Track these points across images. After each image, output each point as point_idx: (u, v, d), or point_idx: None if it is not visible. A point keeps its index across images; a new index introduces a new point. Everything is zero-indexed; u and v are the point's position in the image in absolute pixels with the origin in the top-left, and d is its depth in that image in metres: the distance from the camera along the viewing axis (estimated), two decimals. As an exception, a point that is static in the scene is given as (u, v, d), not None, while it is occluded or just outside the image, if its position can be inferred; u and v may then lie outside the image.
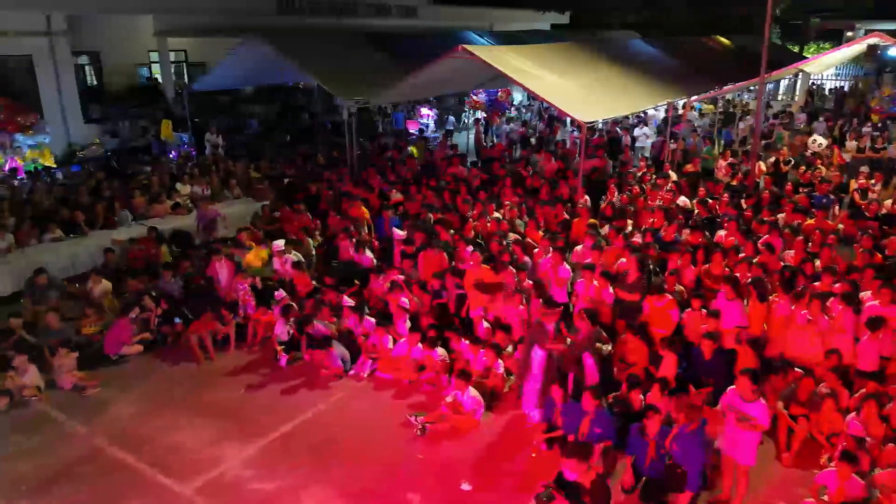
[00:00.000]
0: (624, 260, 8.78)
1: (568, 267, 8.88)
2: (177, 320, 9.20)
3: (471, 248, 9.47)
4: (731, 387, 5.92)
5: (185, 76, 23.81)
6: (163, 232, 11.62)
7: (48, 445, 7.02)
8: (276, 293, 9.42)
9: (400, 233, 10.76)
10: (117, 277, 10.25)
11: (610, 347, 7.70)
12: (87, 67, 21.10)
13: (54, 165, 15.27)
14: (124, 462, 6.74)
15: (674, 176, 13.85)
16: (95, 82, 21.27)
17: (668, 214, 10.88)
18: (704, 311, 7.86)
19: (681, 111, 19.91)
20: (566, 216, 11.07)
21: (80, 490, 6.35)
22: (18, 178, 14.09)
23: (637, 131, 19.28)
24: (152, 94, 21.39)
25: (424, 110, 24.72)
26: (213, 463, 6.72)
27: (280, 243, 10.15)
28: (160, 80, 22.26)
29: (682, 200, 11.94)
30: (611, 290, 8.29)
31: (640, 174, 14.25)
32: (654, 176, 13.83)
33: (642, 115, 20.18)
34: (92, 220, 11.88)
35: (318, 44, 16.24)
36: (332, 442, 7.09)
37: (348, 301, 9.32)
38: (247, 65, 16.25)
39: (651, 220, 10.85)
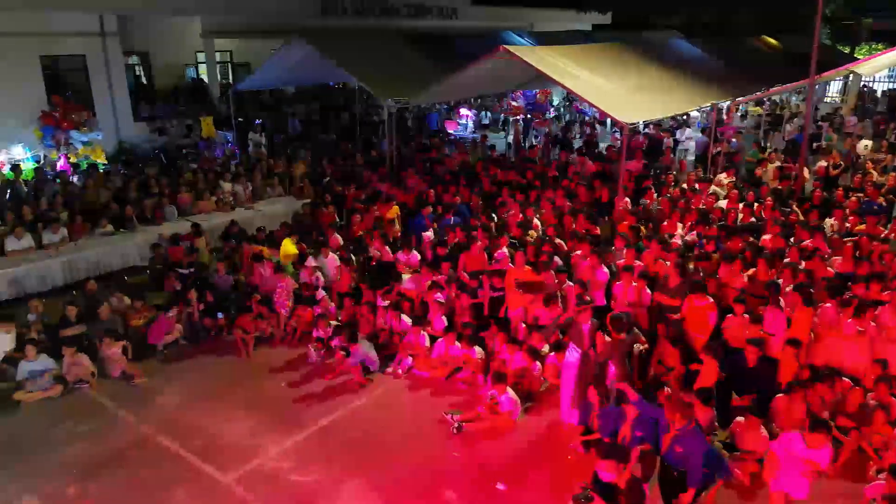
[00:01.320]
0: (667, 263, 8.70)
1: (606, 270, 8.81)
2: (220, 315, 9.43)
3: (506, 250, 9.51)
4: (794, 432, 5.64)
5: (230, 76, 24.36)
6: (206, 228, 11.93)
7: (98, 432, 7.29)
8: (316, 293, 9.57)
9: (428, 234, 10.78)
10: (164, 272, 10.56)
11: (643, 348, 7.62)
12: (136, 67, 21.79)
13: (105, 162, 15.78)
14: (170, 450, 6.96)
15: (725, 179, 13.56)
16: (145, 82, 21.95)
17: (706, 218, 10.74)
18: (747, 316, 7.71)
19: (724, 115, 19.50)
20: (598, 231, 10.88)
21: (129, 475, 6.57)
22: (60, 171, 14.59)
23: (679, 134, 18.97)
24: (198, 94, 21.96)
25: (464, 110, 24.71)
26: (253, 453, 6.89)
27: (311, 261, 10.27)
28: (206, 80, 22.84)
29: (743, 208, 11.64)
30: (648, 291, 8.23)
31: (684, 176, 14.01)
32: (698, 178, 13.58)
33: (683, 117, 19.85)
34: (141, 216, 12.26)
35: (360, 44, 16.43)
36: (369, 437, 7.18)
37: (383, 302, 9.39)
38: (289, 65, 16.55)
39: (689, 223, 10.73)
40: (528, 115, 21.63)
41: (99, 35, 17.41)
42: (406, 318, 8.88)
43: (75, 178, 14.04)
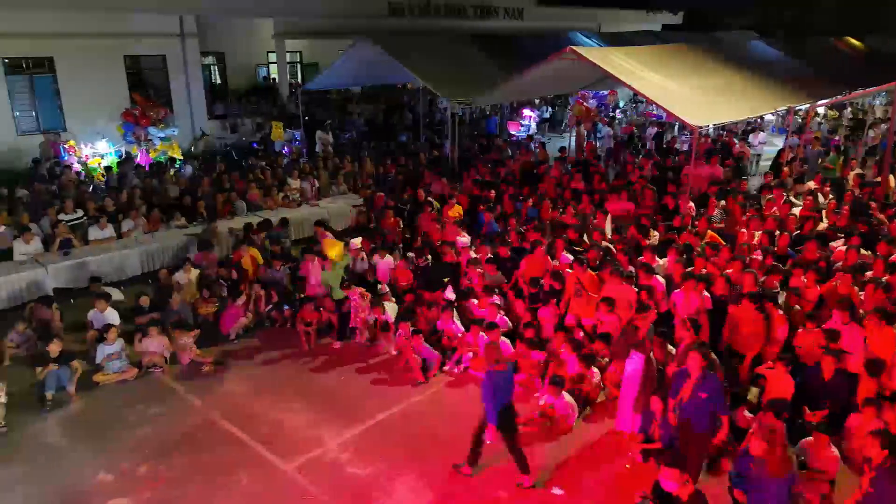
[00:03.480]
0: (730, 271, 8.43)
1: (661, 279, 8.60)
2: (285, 307, 9.73)
3: (570, 256, 9.41)
4: None
5: (300, 76, 25.02)
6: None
7: (168, 415, 7.63)
8: (379, 286, 9.72)
9: (463, 240, 10.71)
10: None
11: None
12: (212, 67, 22.70)
13: (181, 157, 16.50)
14: (234, 436, 7.21)
15: (809, 185, 13.01)
16: (219, 81, 22.84)
17: (780, 226, 10.32)
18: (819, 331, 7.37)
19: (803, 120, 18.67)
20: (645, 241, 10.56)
21: (196, 458, 6.85)
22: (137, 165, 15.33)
23: (752, 138, 18.29)
24: (268, 93, 22.68)
25: (527, 111, 24.50)
26: (313, 444, 7.06)
27: (356, 241, 10.32)
28: (276, 79, 23.55)
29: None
30: (707, 293, 8.00)
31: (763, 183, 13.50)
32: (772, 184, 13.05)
33: (757, 121, 19.10)
34: (212, 210, 12.75)
35: (425, 45, 16.57)
36: (426, 433, 7.25)
37: (448, 296, 9.41)
38: (356, 65, 16.85)
39: (761, 231, 10.33)
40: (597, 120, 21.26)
41: (178, 36, 18.23)
42: (458, 322, 8.87)
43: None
